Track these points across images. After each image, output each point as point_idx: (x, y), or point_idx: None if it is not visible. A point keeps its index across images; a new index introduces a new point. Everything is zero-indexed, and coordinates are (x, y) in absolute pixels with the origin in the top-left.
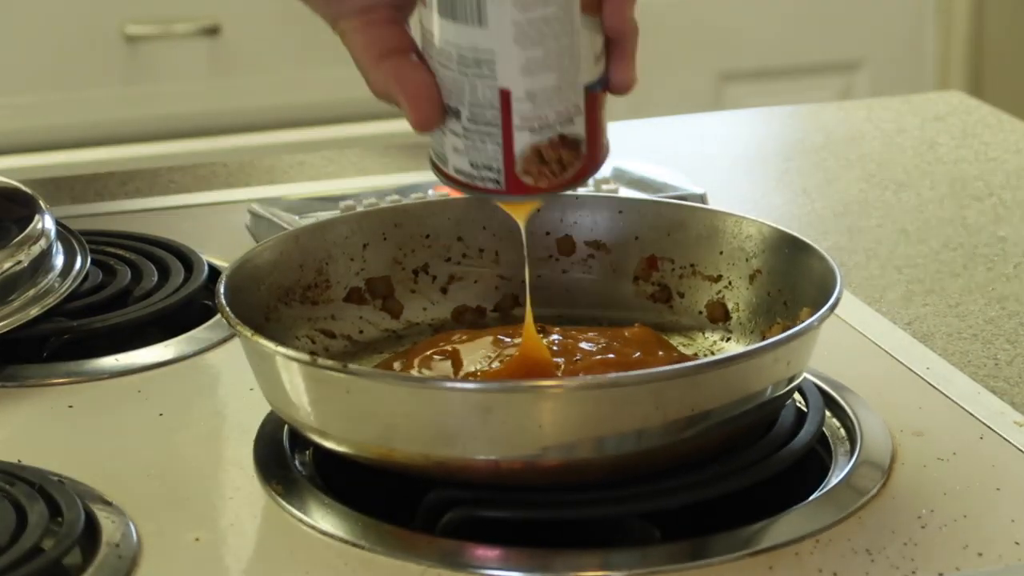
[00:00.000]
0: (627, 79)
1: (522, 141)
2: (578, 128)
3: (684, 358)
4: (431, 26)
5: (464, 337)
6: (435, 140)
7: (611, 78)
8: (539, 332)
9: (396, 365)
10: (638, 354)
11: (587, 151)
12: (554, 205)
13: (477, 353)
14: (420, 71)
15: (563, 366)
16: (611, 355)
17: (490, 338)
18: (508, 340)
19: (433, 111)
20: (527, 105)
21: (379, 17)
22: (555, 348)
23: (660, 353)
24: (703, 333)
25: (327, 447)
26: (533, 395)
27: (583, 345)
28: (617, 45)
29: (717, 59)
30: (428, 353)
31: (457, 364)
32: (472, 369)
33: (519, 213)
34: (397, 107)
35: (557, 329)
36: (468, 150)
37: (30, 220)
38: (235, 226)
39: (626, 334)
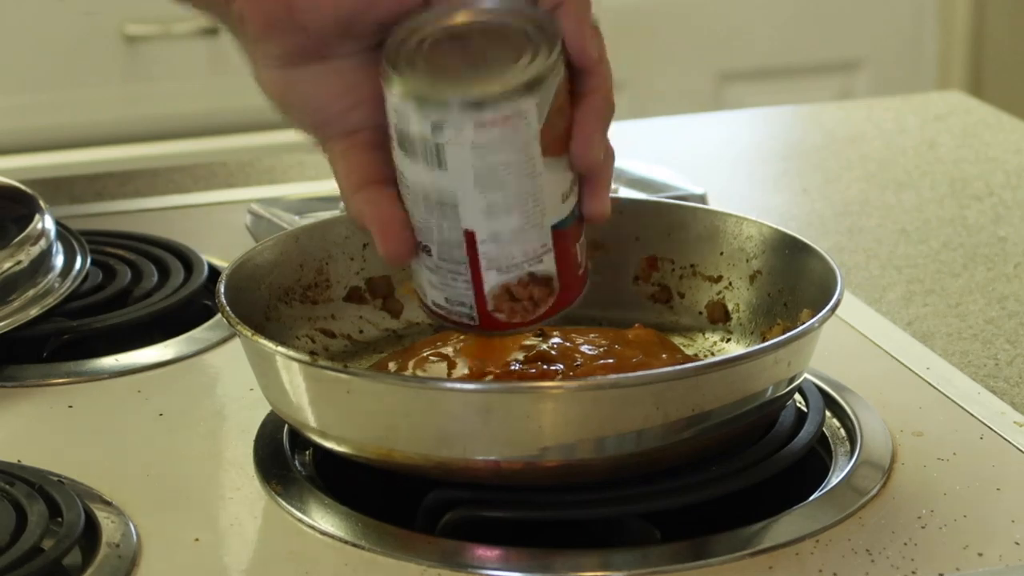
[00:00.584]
0: (599, 212)
1: (491, 281)
2: (548, 266)
3: (689, 359)
4: (398, 163)
5: (462, 337)
6: (414, 272)
7: (583, 211)
8: (538, 335)
9: (391, 365)
10: (639, 358)
11: (560, 286)
12: None
13: (473, 354)
14: (392, 206)
15: (563, 372)
16: (611, 359)
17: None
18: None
19: (403, 248)
20: (492, 246)
21: (362, 140)
22: (554, 352)
23: (664, 356)
24: (703, 334)
25: (327, 447)
26: (533, 395)
27: (583, 348)
28: (587, 180)
29: (717, 59)
30: (424, 354)
31: (451, 366)
32: (465, 371)
33: (488, 342)
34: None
35: (556, 332)
36: (441, 285)
37: (30, 220)
38: (235, 226)
39: (629, 336)
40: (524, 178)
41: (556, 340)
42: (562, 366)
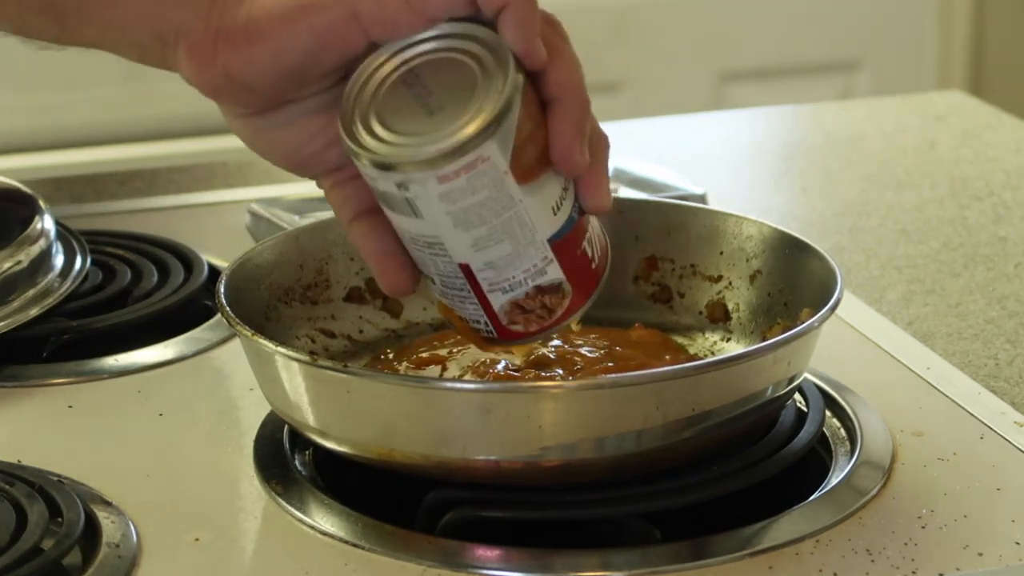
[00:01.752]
0: (599, 207)
1: (497, 301)
2: (553, 275)
3: (692, 360)
4: (385, 212)
5: (459, 336)
6: (430, 289)
7: (584, 207)
8: None
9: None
10: (639, 362)
11: (572, 287)
12: None
13: (467, 355)
14: (387, 238)
15: (563, 377)
16: (611, 363)
17: None
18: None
19: (402, 283)
20: (490, 273)
21: (349, 173)
22: (553, 356)
23: (667, 357)
24: (703, 333)
25: (327, 447)
26: (533, 395)
27: (583, 351)
28: (580, 181)
29: (717, 59)
30: (418, 355)
31: (443, 368)
32: (457, 372)
33: (520, 352)
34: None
35: (556, 335)
36: (455, 307)
37: (30, 220)
38: (235, 226)
39: (632, 336)
40: (503, 210)
41: (556, 342)
42: (561, 371)
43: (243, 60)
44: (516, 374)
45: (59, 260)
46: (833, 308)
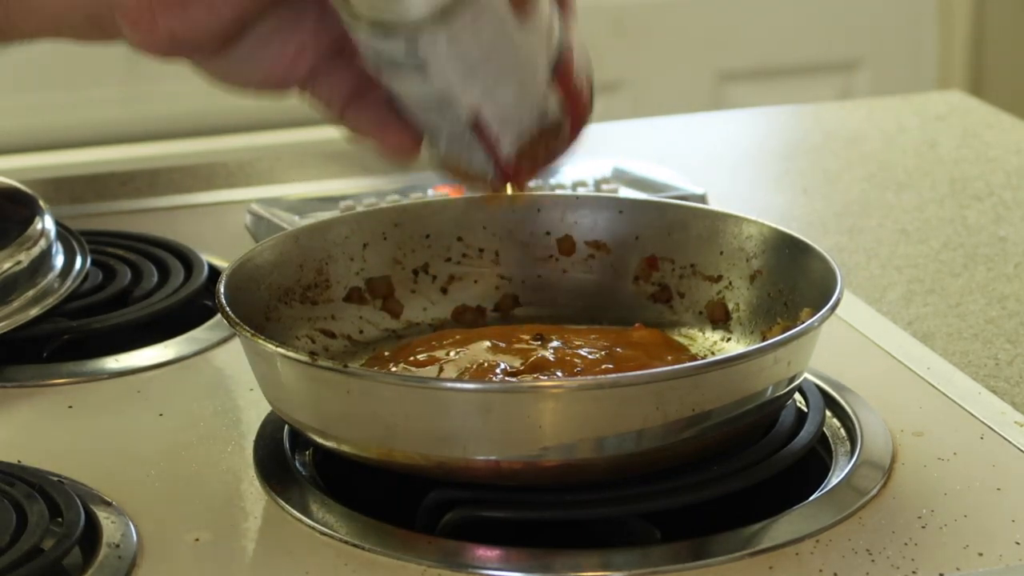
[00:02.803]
0: None
1: (505, 147)
2: (554, 111)
3: (694, 359)
4: (383, 82)
5: (458, 336)
6: (427, 152)
7: None
8: (537, 339)
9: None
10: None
11: (570, 122)
12: (554, 205)
13: (464, 356)
14: (382, 109)
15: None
16: (611, 364)
17: (485, 342)
18: (502, 344)
19: (406, 139)
20: (498, 120)
21: (325, 70)
22: (552, 359)
23: (669, 357)
24: (703, 333)
25: (327, 447)
26: (533, 395)
27: (583, 352)
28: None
29: (717, 59)
30: (415, 356)
31: (440, 370)
32: (453, 375)
33: (519, 192)
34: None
35: (556, 336)
36: (464, 160)
37: (30, 220)
38: (235, 226)
39: (633, 337)
40: (507, 52)
41: (555, 344)
42: (561, 374)
43: (181, 21)
44: (513, 380)
45: (59, 260)
46: (833, 308)
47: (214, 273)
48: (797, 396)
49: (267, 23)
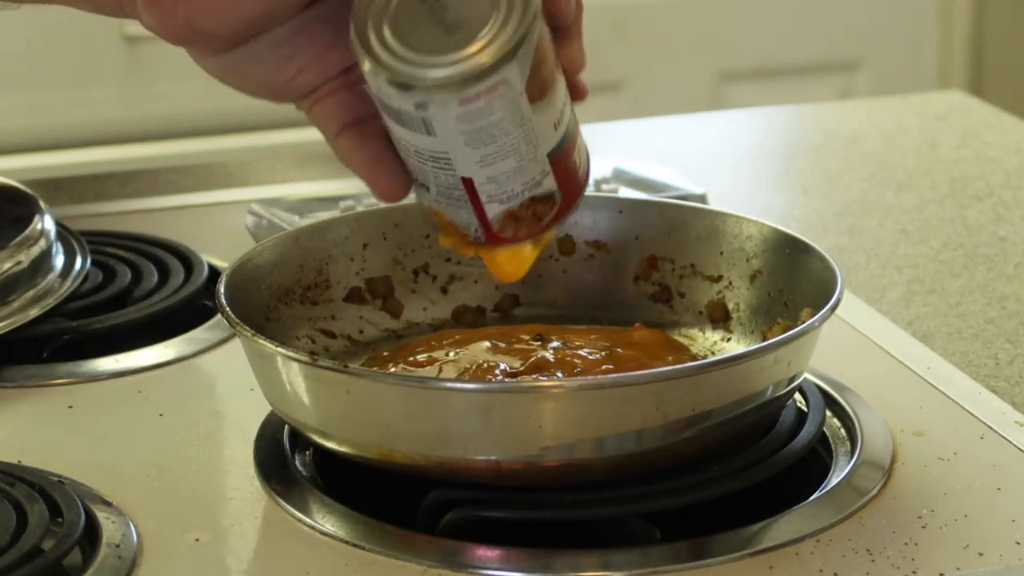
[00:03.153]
0: (580, 64)
1: (493, 211)
2: (548, 186)
3: (695, 359)
4: (385, 121)
5: (457, 336)
6: (416, 195)
7: (566, 66)
8: (537, 340)
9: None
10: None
11: (562, 196)
12: None
13: (464, 356)
14: (378, 145)
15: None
16: (611, 365)
17: (485, 342)
18: (502, 345)
19: (395, 185)
20: (491, 186)
21: (327, 91)
22: (552, 360)
23: (670, 357)
24: (703, 333)
25: (327, 447)
26: (533, 395)
27: (583, 352)
28: (562, 37)
29: (717, 59)
30: (415, 356)
31: (439, 371)
32: (452, 373)
33: (505, 266)
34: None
35: (556, 336)
36: (446, 213)
37: (30, 220)
38: (235, 226)
39: (634, 337)
40: (514, 129)
41: (555, 344)
42: (561, 374)
43: (203, 10)
44: (513, 380)
45: (59, 260)
46: (833, 308)
47: (214, 273)
48: (797, 396)
49: (282, 30)
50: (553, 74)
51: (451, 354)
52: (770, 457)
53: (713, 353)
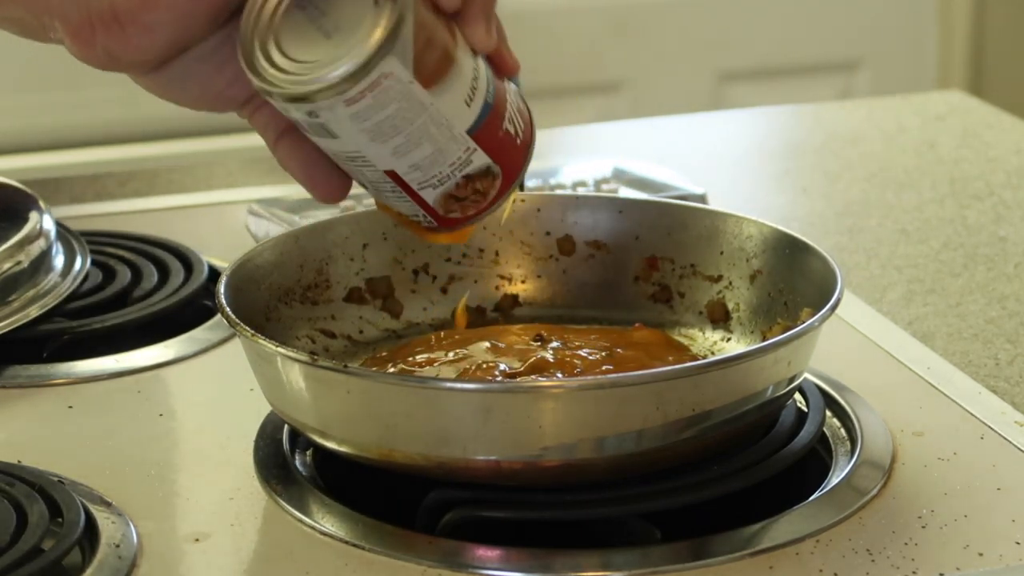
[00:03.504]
0: (485, 45)
1: (430, 196)
2: (479, 161)
3: (695, 359)
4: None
5: (457, 336)
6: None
7: (472, 45)
8: (537, 340)
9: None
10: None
11: (501, 168)
12: (554, 205)
13: (464, 357)
14: (309, 151)
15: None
16: (611, 366)
17: (485, 342)
18: (502, 345)
19: (331, 187)
20: (416, 174)
21: (262, 100)
22: (552, 360)
23: (670, 357)
24: (703, 333)
25: (327, 447)
26: (533, 395)
27: (583, 352)
28: (463, 19)
29: (717, 59)
30: (414, 357)
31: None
32: (452, 374)
33: (462, 236)
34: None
35: (556, 336)
36: (392, 205)
37: (30, 220)
38: (235, 226)
39: (634, 337)
40: (415, 117)
41: (555, 344)
42: (561, 375)
43: (119, 41)
44: (513, 381)
45: (59, 260)
46: (833, 308)
47: (214, 273)
48: (797, 396)
49: (207, 44)
50: (449, 55)
51: (451, 354)
52: (770, 457)
53: (713, 353)
